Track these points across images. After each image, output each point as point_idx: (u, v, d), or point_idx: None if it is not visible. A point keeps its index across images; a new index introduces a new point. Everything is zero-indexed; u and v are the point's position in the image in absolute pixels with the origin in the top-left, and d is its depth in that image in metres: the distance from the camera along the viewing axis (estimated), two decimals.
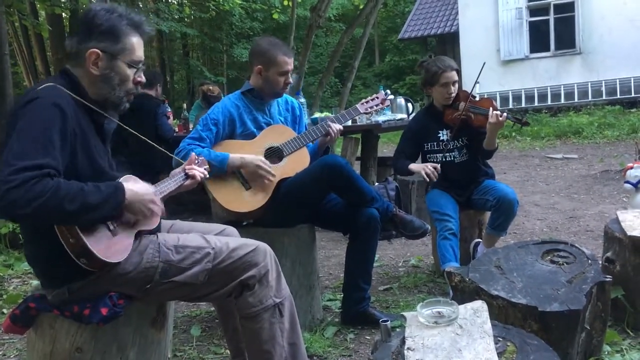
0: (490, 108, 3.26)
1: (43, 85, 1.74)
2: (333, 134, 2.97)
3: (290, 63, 2.93)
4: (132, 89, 1.91)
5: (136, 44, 1.88)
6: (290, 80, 2.97)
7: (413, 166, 3.41)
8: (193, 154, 2.20)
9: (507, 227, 3.33)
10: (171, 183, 2.05)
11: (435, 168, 3.27)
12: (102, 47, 1.81)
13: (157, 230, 1.99)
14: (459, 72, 3.43)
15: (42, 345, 1.85)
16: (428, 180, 3.26)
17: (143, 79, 1.95)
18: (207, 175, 2.22)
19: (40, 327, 1.85)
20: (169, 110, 6.23)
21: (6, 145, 1.62)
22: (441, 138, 3.46)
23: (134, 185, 1.80)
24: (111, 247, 1.72)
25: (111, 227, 1.74)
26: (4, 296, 3.79)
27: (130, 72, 1.88)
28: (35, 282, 2.07)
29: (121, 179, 1.85)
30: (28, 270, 4.25)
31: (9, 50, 11.08)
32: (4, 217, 1.62)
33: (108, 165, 1.91)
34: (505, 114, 3.22)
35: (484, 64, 3.59)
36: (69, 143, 1.70)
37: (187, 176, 2.12)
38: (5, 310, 3.53)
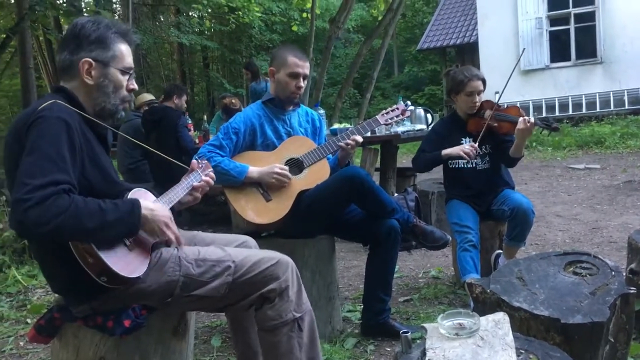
0: (519, 116, 3.27)
1: (43, 104, 1.74)
2: (348, 148, 2.96)
3: (301, 66, 2.92)
4: (127, 96, 1.94)
5: (125, 52, 1.92)
6: (302, 84, 2.96)
7: (447, 151, 3.37)
8: (194, 161, 2.18)
9: (524, 237, 3.30)
10: (178, 191, 2.04)
11: (472, 146, 3.26)
12: (93, 56, 1.85)
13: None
14: (485, 83, 3.43)
15: (66, 355, 1.87)
16: (468, 158, 3.25)
17: (135, 86, 1.97)
18: (213, 180, 2.20)
19: (64, 337, 1.88)
20: (190, 122, 6.30)
21: (12, 166, 1.64)
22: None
23: (151, 203, 1.81)
24: (130, 262, 1.73)
25: (127, 243, 1.75)
26: (28, 306, 3.84)
27: (123, 78, 1.91)
28: None
29: (133, 192, 1.86)
30: None
31: (34, 64, 11.32)
32: (23, 237, 1.63)
33: (115, 174, 1.92)
34: (533, 119, 3.22)
35: (511, 74, 3.57)
36: (78, 156, 1.71)
37: (194, 187, 2.11)
38: (29, 320, 3.59)
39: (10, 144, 1.72)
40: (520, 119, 3.21)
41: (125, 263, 1.71)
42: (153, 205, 1.82)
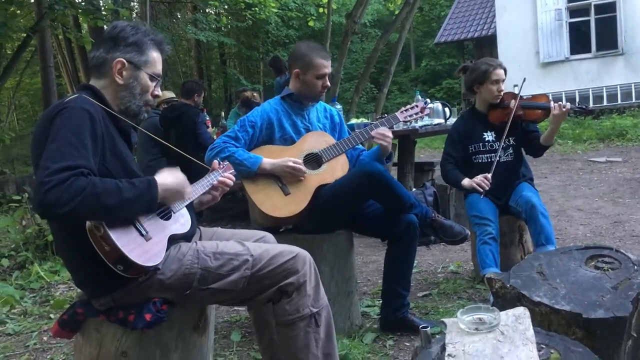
0: (550, 102, 3.25)
1: (69, 97, 1.83)
2: (385, 139, 2.93)
3: (327, 66, 2.95)
4: (150, 100, 2.02)
5: (157, 59, 2.01)
6: (328, 83, 2.99)
7: (465, 182, 3.37)
8: (215, 162, 2.22)
9: (549, 239, 3.17)
10: (198, 188, 2.08)
11: (485, 177, 3.24)
12: (128, 57, 1.93)
13: (191, 233, 2.02)
14: (506, 72, 3.43)
15: (89, 350, 1.89)
16: (482, 190, 3.23)
17: (160, 92, 2.05)
18: (233, 180, 2.23)
19: (87, 332, 1.90)
20: (208, 118, 6.34)
21: (41, 153, 1.68)
22: (487, 139, 3.44)
23: (165, 179, 1.85)
24: (146, 251, 1.75)
25: (143, 232, 1.77)
26: (51, 302, 3.90)
27: (151, 84, 1.99)
28: None
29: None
30: None
31: (54, 63, 11.44)
32: (44, 218, 1.68)
33: (138, 170, 1.97)
34: (568, 104, 3.20)
35: (524, 79, 3.52)
36: (100, 146, 1.77)
37: (213, 185, 2.14)
38: (52, 316, 3.64)
39: (38, 136, 1.78)
40: (554, 104, 3.20)
41: (142, 251, 1.73)
42: (168, 180, 1.86)
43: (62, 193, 1.56)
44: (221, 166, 2.20)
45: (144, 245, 1.76)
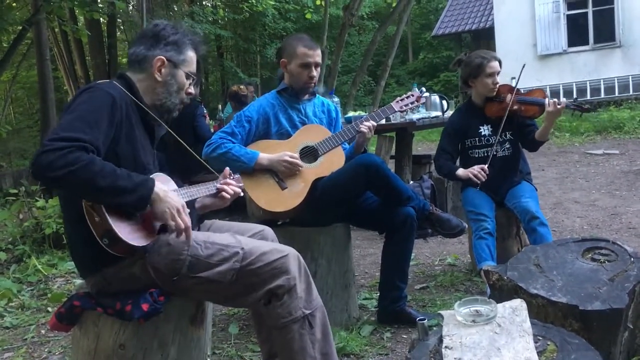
0: (546, 98, 3.24)
1: (102, 81, 1.90)
2: (366, 131, 2.96)
3: (311, 55, 2.91)
4: (185, 98, 2.09)
5: (193, 59, 2.10)
6: (315, 73, 2.95)
7: (461, 172, 3.37)
8: (227, 169, 2.26)
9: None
10: (201, 189, 2.10)
11: (482, 168, 3.24)
12: (168, 55, 2.02)
13: None
14: (500, 63, 3.40)
15: (87, 342, 1.90)
16: (477, 181, 3.23)
17: (193, 91, 2.12)
18: (240, 194, 2.25)
19: (85, 325, 1.91)
20: (205, 111, 6.32)
21: None
22: (483, 133, 3.42)
23: (165, 187, 1.82)
24: (135, 231, 1.76)
25: (137, 215, 1.79)
26: (49, 295, 3.90)
27: (186, 82, 2.07)
28: (79, 282, 2.13)
29: (154, 175, 1.90)
30: (72, 269, 4.37)
31: (50, 56, 11.39)
32: (35, 178, 1.70)
33: (153, 165, 1.99)
34: (564, 100, 3.19)
35: (524, 65, 3.48)
36: (114, 130, 1.81)
37: (218, 189, 2.17)
38: (50, 309, 3.64)
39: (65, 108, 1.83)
40: (549, 100, 3.19)
41: (131, 230, 1.75)
42: (168, 188, 1.84)
43: (57, 158, 1.59)
44: (232, 177, 2.25)
45: (134, 225, 1.77)
